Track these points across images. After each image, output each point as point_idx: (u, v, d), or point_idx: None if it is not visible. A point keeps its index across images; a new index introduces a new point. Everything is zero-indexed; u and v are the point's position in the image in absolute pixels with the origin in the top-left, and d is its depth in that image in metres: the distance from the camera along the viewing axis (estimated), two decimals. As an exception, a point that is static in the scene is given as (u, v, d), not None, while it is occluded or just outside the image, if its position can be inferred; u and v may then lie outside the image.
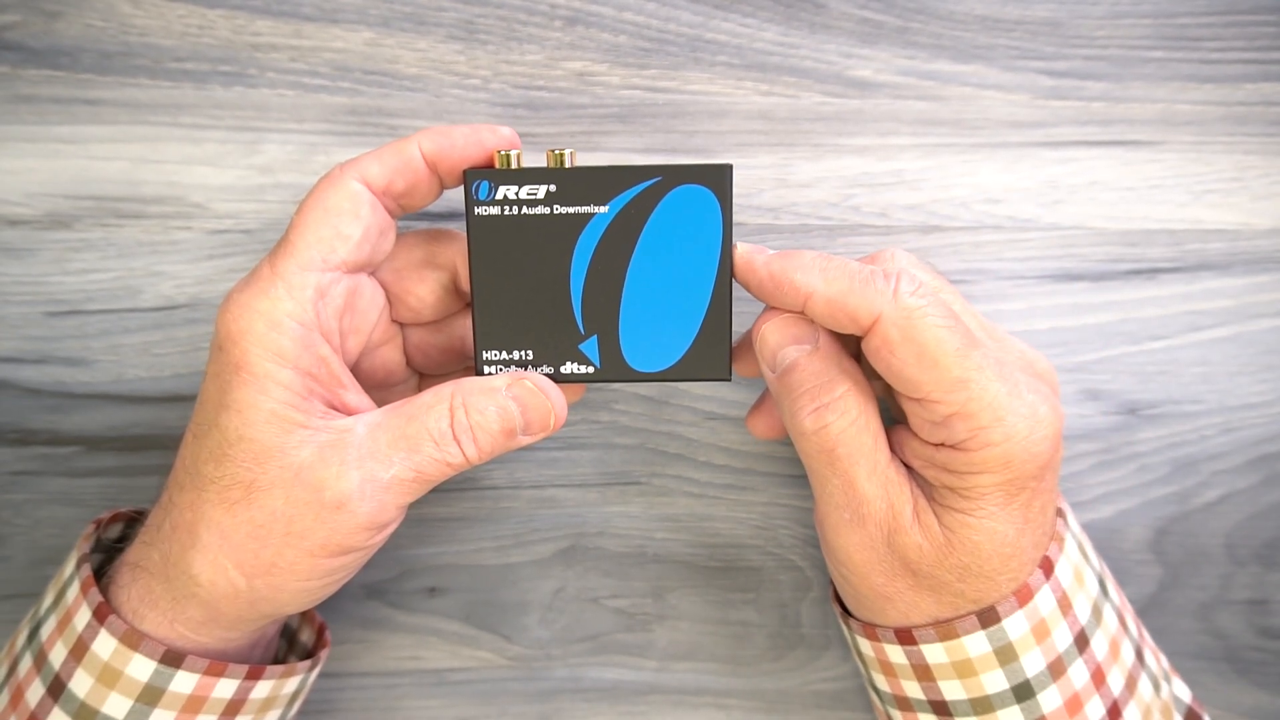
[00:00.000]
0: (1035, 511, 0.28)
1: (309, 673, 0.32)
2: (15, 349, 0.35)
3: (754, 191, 0.35)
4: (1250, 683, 0.39)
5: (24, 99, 0.34)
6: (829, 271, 0.28)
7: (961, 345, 0.27)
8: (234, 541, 0.27)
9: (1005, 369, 0.28)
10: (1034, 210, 0.36)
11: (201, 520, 0.27)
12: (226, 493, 0.27)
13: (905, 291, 0.27)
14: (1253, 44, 0.35)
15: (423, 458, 0.27)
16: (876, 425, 0.29)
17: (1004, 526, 0.28)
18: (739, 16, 0.34)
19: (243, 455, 0.27)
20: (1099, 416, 0.37)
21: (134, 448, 0.36)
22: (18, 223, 0.34)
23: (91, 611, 0.28)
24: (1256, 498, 0.38)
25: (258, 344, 0.27)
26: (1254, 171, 0.36)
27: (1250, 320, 0.37)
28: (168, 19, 0.33)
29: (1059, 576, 0.29)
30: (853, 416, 0.28)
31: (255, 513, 0.27)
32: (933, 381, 0.27)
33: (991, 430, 0.27)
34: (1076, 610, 0.29)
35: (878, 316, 0.27)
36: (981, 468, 0.27)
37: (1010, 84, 0.35)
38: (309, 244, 0.28)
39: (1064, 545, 0.30)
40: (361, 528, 0.27)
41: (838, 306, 0.27)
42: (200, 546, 0.27)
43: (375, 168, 0.29)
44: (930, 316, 0.27)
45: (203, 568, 0.27)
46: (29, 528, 0.36)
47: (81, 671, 0.28)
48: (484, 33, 0.34)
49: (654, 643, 0.38)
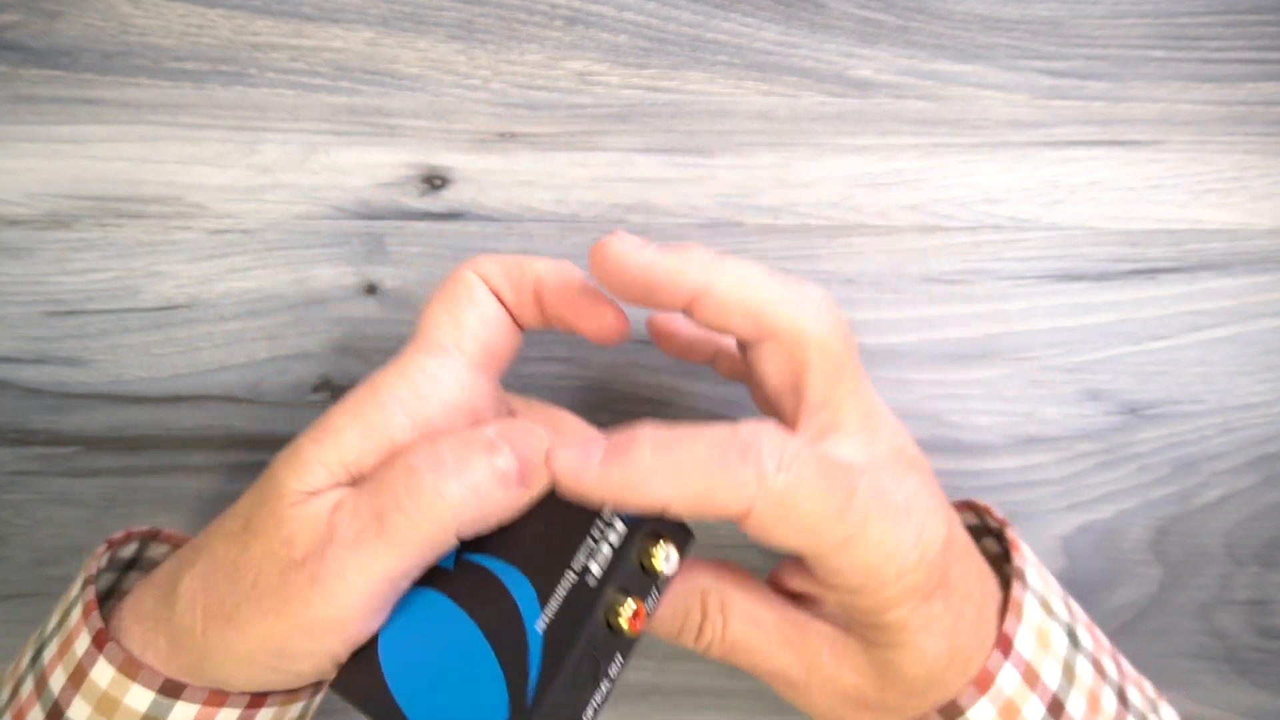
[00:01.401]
0: (957, 603, 0.27)
1: (312, 697, 0.31)
2: (15, 349, 0.35)
3: (754, 191, 0.35)
4: (1250, 683, 0.39)
5: (24, 99, 0.34)
6: (680, 475, 0.24)
7: (839, 505, 0.25)
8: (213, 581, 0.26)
9: (881, 494, 0.26)
10: (1034, 210, 0.36)
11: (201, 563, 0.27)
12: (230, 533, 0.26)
13: (770, 471, 0.24)
14: (1253, 44, 0.35)
15: None
16: (748, 598, 0.29)
17: (932, 643, 0.27)
18: (739, 16, 0.34)
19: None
20: (1099, 416, 0.37)
21: (133, 448, 0.36)
22: (17, 223, 0.34)
23: (91, 637, 0.27)
24: (1257, 498, 0.38)
25: None
26: (1254, 171, 0.36)
27: (1250, 320, 0.37)
28: (168, 19, 0.33)
29: (1019, 650, 0.28)
30: (718, 629, 0.28)
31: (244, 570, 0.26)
32: (816, 547, 0.25)
33: (884, 571, 0.25)
34: (1045, 679, 0.28)
35: (749, 509, 0.24)
36: (886, 605, 0.26)
37: (1010, 84, 0.35)
38: None
39: (1022, 612, 0.29)
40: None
41: (700, 509, 0.24)
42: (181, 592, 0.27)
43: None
44: (803, 489, 0.24)
45: (183, 608, 0.27)
46: (28, 528, 0.36)
47: (80, 700, 0.27)
48: (484, 32, 0.34)
49: (654, 643, 0.38)
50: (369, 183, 0.35)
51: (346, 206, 0.35)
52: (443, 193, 0.35)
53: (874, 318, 0.36)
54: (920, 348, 0.36)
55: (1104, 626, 0.38)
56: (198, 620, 0.26)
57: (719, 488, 0.24)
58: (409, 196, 0.35)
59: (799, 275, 0.27)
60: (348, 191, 0.35)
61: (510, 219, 0.35)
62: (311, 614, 0.24)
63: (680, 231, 0.35)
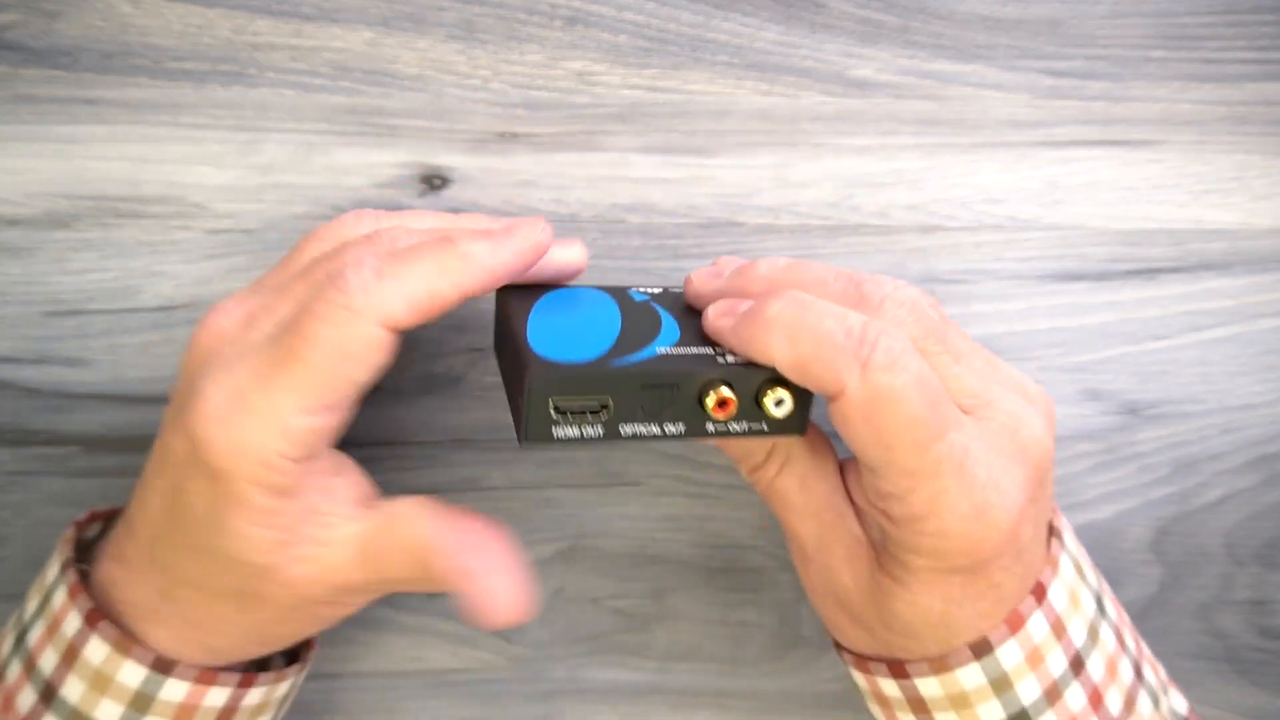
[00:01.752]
0: (981, 588, 0.27)
1: (299, 675, 0.32)
2: (14, 349, 0.35)
3: (754, 191, 0.35)
4: (1250, 683, 0.39)
5: (24, 99, 0.34)
6: (797, 333, 0.25)
7: (922, 438, 0.25)
8: (255, 632, 0.28)
9: (970, 457, 0.26)
10: (1034, 210, 0.36)
11: (216, 619, 0.28)
12: (237, 600, 0.27)
13: (877, 365, 0.25)
14: (1253, 44, 0.35)
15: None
16: (810, 465, 0.30)
17: (930, 600, 0.27)
18: (739, 16, 0.34)
19: (247, 577, 0.27)
20: (1099, 416, 0.37)
21: (133, 448, 0.36)
22: (17, 223, 0.34)
23: (83, 618, 0.28)
24: (1256, 498, 0.38)
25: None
26: (1254, 171, 0.36)
27: (1250, 320, 0.37)
28: (168, 19, 0.33)
29: (1052, 602, 0.29)
30: (771, 474, 0.30)
31: (267, 613, 0.27)
32: (884, 464, 0.26)
33: (925, 522, 0.26)
34: (1071, 634, 0.29)
35: (842, 390, 0.25)
36: (912, 550, 0.27)
37: (1010, 84, 0.35)
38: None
39: (1058, 568, 0.29)
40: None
41: (802, 374, 0.26)
42: (222, 635, 0.28)
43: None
44: (898, 400, 0.25)
45: (226, 645, 0.28)
46: (28, 528, 0.36)
47: (74, 677, 0.28)
48: (484, 33, 0.34)
49: (654, 643, 0.38)
50: (369, 183, 0.35)
51: (346, 206, 0.35)
52: (443, 193, 0.35)
53: (874, 318, 0.36)
54: (920, 348, 0.36)
55: (1104, 626, 0.39)
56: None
57: (824, 360, 0.25)
58: (409, 196, 0.35)
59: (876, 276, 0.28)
60: (348, 191, 0.35)
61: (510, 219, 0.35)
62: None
63: (680, 231, 0.35)
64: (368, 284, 0.25)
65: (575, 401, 0.25)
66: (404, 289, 0.25)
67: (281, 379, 0.25)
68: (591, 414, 0.26)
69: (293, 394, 0.24)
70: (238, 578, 0.26)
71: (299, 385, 0.24)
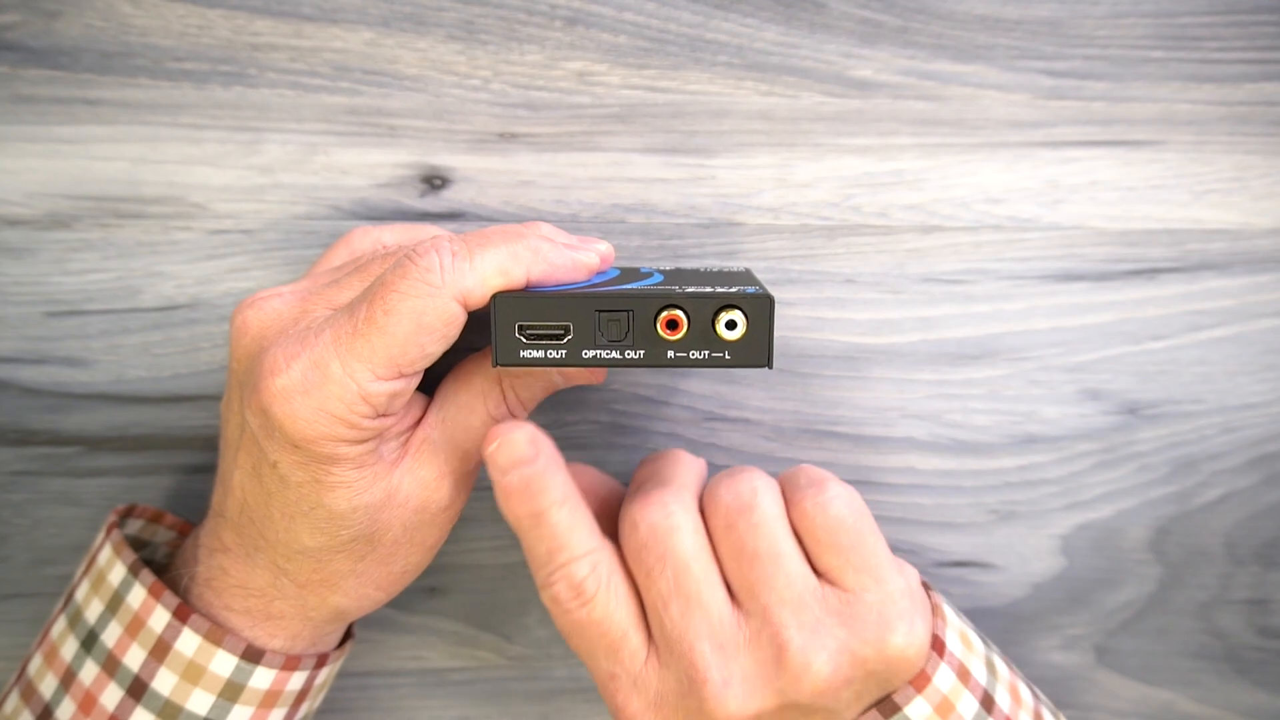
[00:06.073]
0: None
1: (341, 659, 0.34)
2: (15, 349, 0.35)
3: (754, 191, 0.35)
4: (1250, 683, 0.39)
5: (24, 99, 0.34)
6: None
7: None
8: (371, 576, 0.29)
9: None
10: (1034, 210, 0.36)
11: (335, 575, 0.29)
12: (352, 548, 0.29)
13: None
14: (1253, 44, 0.35)
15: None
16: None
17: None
18: (739, 16, 0.34)
19: (360, 519, 0.28)
20: (1099, 416, 0.37)
21: (134, 448, 0.36)
22: (17, 223, 0.34)
23: (170, 612, 0.29)
24: (1256, 497, 0.38)
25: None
26: (1254, 171, 0.36)
27: (1250, 320, 0.37)
28: (167, 19, 0.33)
29: (950, 650, 0.29)
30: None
31: (381, 550, 0.29)
32: None
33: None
34: (974, 674, 0.29)
35: None
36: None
37: (1010, 84, 0.35)
38: None
39: (945, 614, 0.30)
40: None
41: None
42: (343, 590, 0.29)
43: None
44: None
45: (348, 601, 0.30)
46: (29, 528, 0.36)
47: (165, 670, 0.29)
48: (484, 33, 0.34)
49: (654, 642, 0.38)
50: (369, 183, 0.35)
51: (346, 207, 0.35)
52: (443, 193, 0.35)
53: (874, 318, 0.36)
54: (920, 348, 0.36)
55: (1104, 626, 0.39)
56: (380, 594, 0.31)
57: None
58: (409, 196, 0.35)
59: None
60: (348, 192, 0.35)
61: (510, 219, 0.35)
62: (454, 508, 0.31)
63: (680, 231, 0.36)
64: (446, 263, 0.26)
65: (538, 325, 0.27)
66: (480, 269, 0.27)
67: (361, 348, 0.26)
68: (554, 338, 0.27)
69: (372, 362, 0.26)
70: (352, 525, 0.28)
71: (379, 354, 0.26)
